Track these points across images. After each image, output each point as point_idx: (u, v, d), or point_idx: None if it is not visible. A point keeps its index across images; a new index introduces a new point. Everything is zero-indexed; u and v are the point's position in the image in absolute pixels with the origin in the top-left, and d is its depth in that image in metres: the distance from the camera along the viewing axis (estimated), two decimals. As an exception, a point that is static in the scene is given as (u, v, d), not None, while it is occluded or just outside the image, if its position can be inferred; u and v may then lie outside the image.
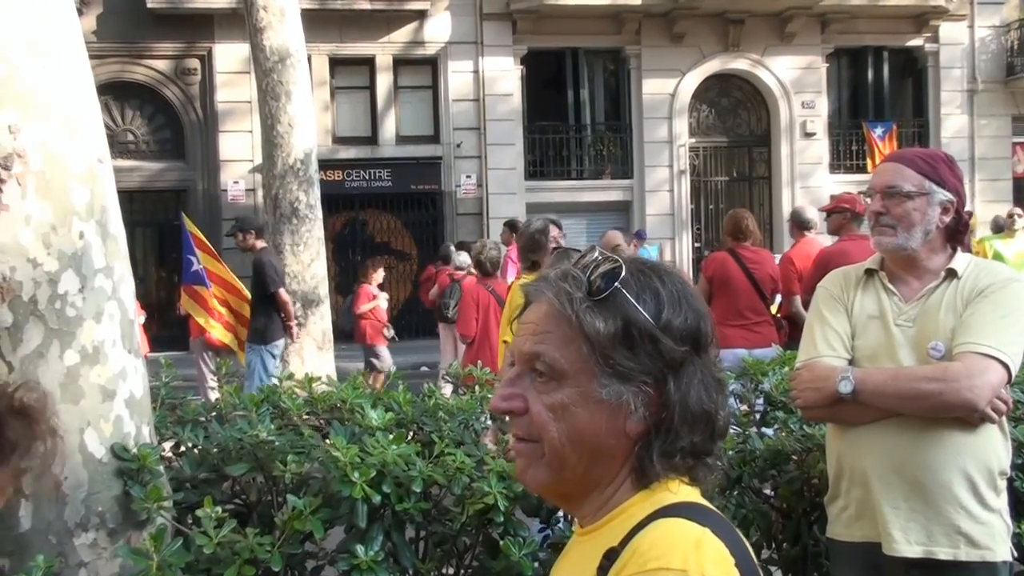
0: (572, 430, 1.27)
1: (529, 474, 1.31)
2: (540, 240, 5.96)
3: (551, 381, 1.28)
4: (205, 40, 19.85)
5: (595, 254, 1.31)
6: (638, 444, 1.27)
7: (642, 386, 1.25)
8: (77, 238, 2.76)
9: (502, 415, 1.40)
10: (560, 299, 1.28)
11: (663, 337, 1.25)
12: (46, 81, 2.70)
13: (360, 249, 20.89)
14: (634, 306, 1.25)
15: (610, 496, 1.30)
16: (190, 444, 3.37)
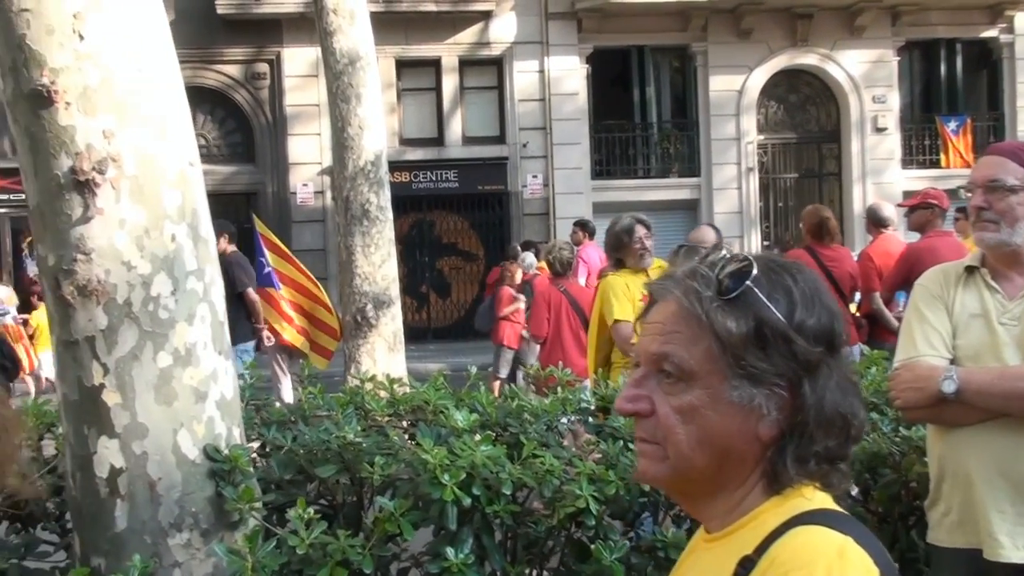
0: (701, 433, 1.23)
1: (650, 474, 1.28)
2: (624, 240, 5.90)
3: (679, 382, 1.24)
4: (274, 44, 20.09)
5: (722, 251, 1.27)
6: (770, 448, 1.23)
7: (775, 388, 1.21)
8: (169, 241, 2.78)
9: (627, 416, 1.37)
10: (689, 298, 1.24)
11: (797, 338, 1.21)
12: (140, 86, 2.73)
13: (427, 250, 21.00)
14: (766, 305, 1.21)
15: (739, 501, 1.26)
16: (276, 445, 3.39)
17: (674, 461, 1.25)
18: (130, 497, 2.73)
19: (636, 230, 5.89)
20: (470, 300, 21.02)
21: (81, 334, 2.71)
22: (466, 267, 21.36)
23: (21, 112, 2.69)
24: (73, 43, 2.64)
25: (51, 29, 2.62)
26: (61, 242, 2.70)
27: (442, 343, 19.60)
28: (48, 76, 2.62)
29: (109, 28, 2.68)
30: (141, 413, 2.74)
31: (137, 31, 2.76)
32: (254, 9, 19.66)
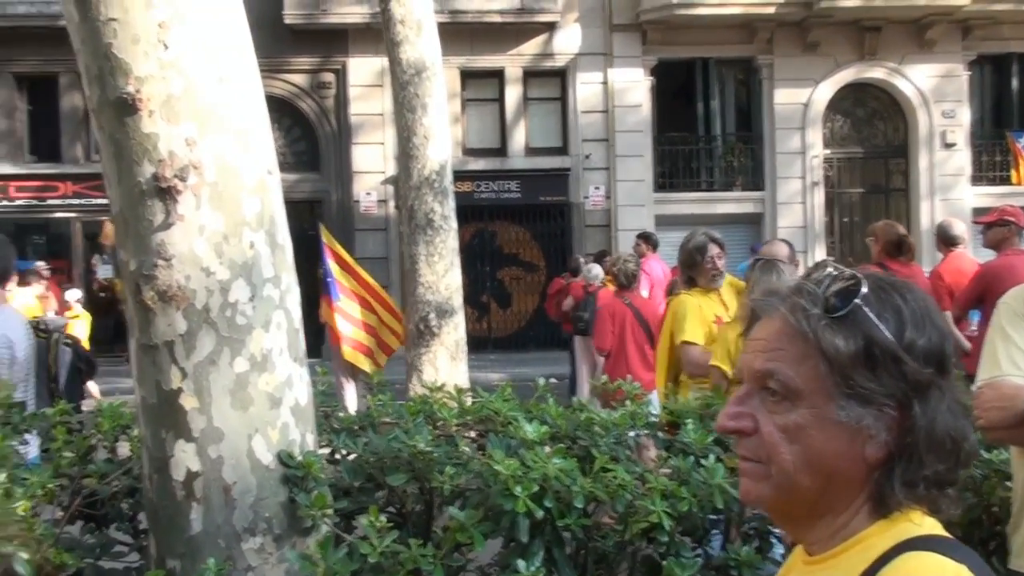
0: (806, 453, 1.21)
1: (753, 494, 1.26)
2: (697, 258, 5.82)
3: (784, 401, 1.22)
4: (340, 54, 20.31)
5: (828, 268, 1.25)
6: (877, 471, 1.21)
7: (884, 409, 1.19)
8: (248, 248, 2.81)
9: (729, 435, 1.35)
10: (795, 315, 1.22)
11: (906, 358, 1.18)
12: (222, 94, 2.77)
13: (489, 260, 21.06)
14: (875, 324, 1.19)
15: (844, 524, 1.23)
16: (345, 452, 3.41)
17: (778, 481, 1.23)
18: (205, 501, 2.75)
19: (709, 248, 5.82)
20: (530, 310, 21.03)
21: (160, 338, 2.75)
22: (527, 278, 21.37)
23: (106, 119, 2.74)
24: (158, 52, 2.68)
25: (137, 38, 2.67)
26: (142, 248, 2.74)
27: (502, 353, 19.61)
28: (133, 84, 2.67)
29: (192, 37, 2.72)
30: (217, 418, 2.76)
31: (219, 41, 2.79)
32: (321, 19, 19.89)
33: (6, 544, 2.63)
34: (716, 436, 3.33)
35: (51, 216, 20.79)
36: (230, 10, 2.85)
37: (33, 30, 18.81)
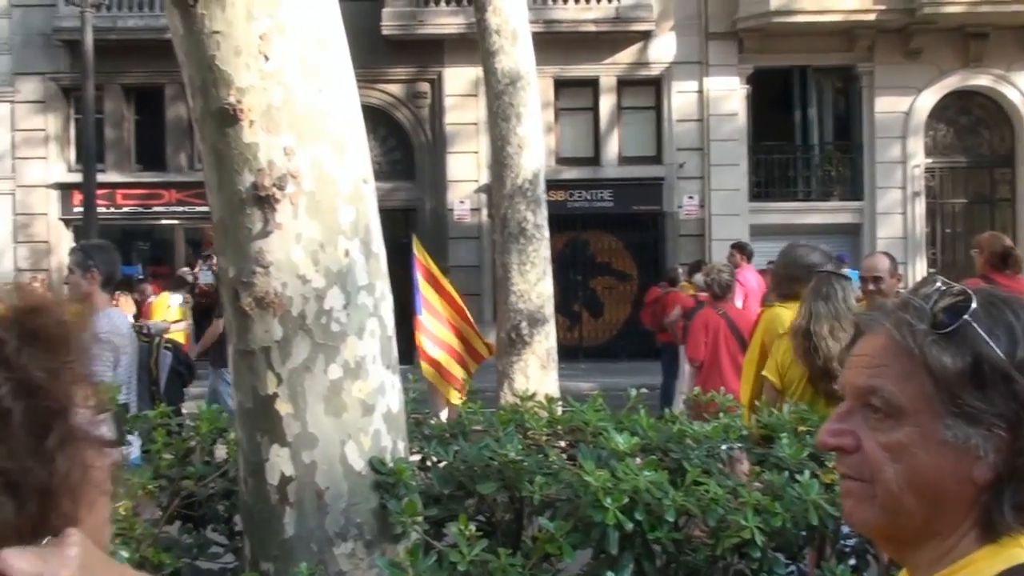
0: (911, 473, 1.17)
1: (858, 516, 1.22)
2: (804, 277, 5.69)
3: (888, 419, 1.18)
4: (436, 64, 20.51)
5: (937, 283, 1.21)
6: (985, 493, 1.16)
7: (993, 429, 1.14)
8: (343, 256, 2.85)
9: (830, 451, 1.32)
10: (901, 331, 1.18)
11: (1018, 377, 1.14)
12: (320, 104, 2.81)
13: (581, 269, 21.02)
14: (986, 342, 1.14)
15: (951, 548, 1.19)
16: (436, 459, 3.43)
17: (883, 501, 1.19)
18: (299, 505, 2.80)
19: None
20: (622, 320, 20.93)
21: (257, 344, 2.80)
22: (619, 287, 21.27)
23: (208, 129, 2.81)
24: (259, 64, 2.73)
25: (239, 50, 2.73)
26: (241, 255, 2.80)
27: (593, 362, 19.55)
28: (235, 95, 2.73)
29: (292, 49, 2.77)
30: (311, 423, 2.80)
31: (318, 52, 2.84)
32: (417, 30, 20.12)
33: (108, 542, 2.71)
34: (811, 451, 3.26)
35: (155, 223, 21.41)
36: (329, 22, 2.90)
37: (141, 43, 19.40)
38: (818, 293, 4.83)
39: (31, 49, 20.81)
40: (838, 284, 4.83)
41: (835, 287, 4.80)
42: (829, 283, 4.83)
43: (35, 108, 20.96)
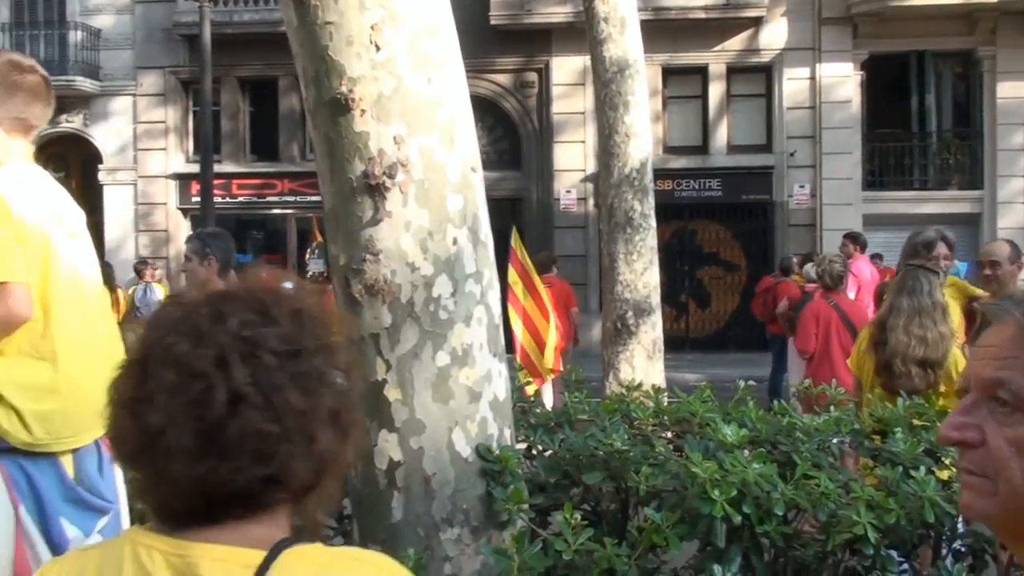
0: None
1: (977, 508, 1.18)
2: (922, 253, 5.56)
3: (1016, 412, 1.14)
4: (543, 54, 20.52)
5: None
6: None
7: None
8: (451, 244, 2.87)
9: (952, 446, 1.27)
10: None
11: None
12: (429, 94, 2.83)
13: (688, 259, 20.82)
14: None
15: None
16: (541, 448, 3.44)
17: (1004, 498, 1.15)
18: (406, 490, 2.83)
19: (937, 246, 5.54)
20: (730, 311, 20.67)
21: (367, 331, 2.84)
22: (727, 277, 20.99)
23: (321, 119, 2.85)
24: (370, 53, 2.77)
25: (351, 40, 2.76)
26: (352, 243, 2.84)
27: (700, 353, 19.36)
28: (346, 85, 2.77)
29: (402, 39, 2.80)
30: (419, 410, 2.84)
31: (428, 42, 2.86)
32: (525, 19, 20.15)
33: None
34: (928, 446, 3.17)
35: (269, 212, 21.93)
36: (438, 12, 2.92)
37: (255, 36, 19.87)
38: (903, 287, 4.73)
39: (152, 44, 21.50)
40: (925, 279, 4.70)
41: (921, 281, 4.68)
42: (916, 277, 4.71)
43: (155, 101, 21.65)
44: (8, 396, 2.36)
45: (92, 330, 2.57)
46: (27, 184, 2.55)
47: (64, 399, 2.43)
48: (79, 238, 2.67)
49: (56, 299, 2.47)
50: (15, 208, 2.44)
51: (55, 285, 2.47)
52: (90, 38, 21.47)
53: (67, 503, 2.42)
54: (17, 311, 2.37)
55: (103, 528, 2.49)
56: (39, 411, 2.39)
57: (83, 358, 2.49)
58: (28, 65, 2.67)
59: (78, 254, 2.62)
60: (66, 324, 2.47)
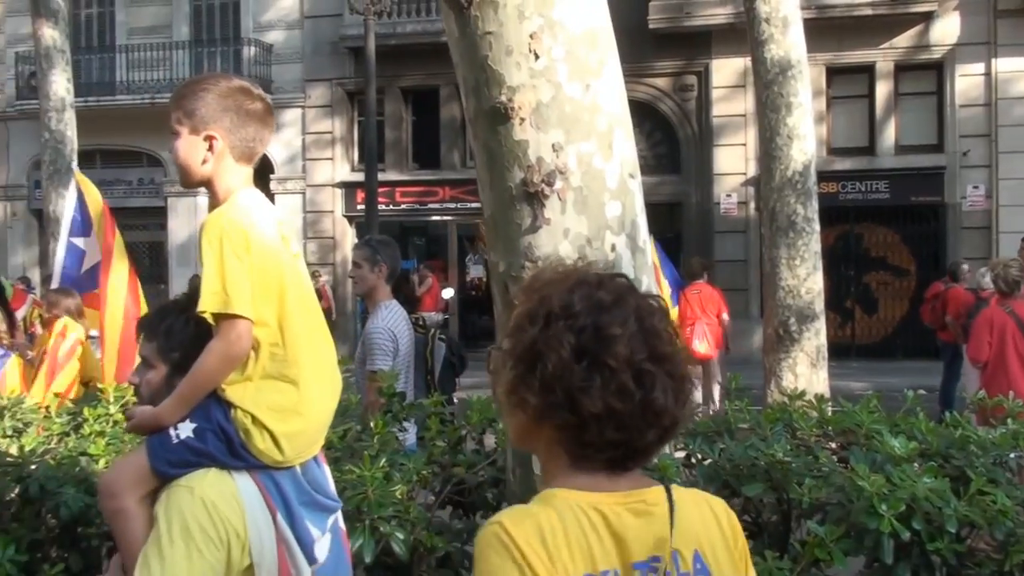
0: None
1: None
2: None
3: None
4: (703, 56, 20.26)
5: None
6: None
7: None
8: (609, 250, 2.87)
9: None
10: None
11: None
12: (588, 101, 2.84)
13: (854, 264, 20.19)
14: None
15: None
16: (700, 456, 3.39)
17: None
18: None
19: None
20: (899, 317, 19.93)
21: (526, 337, 2.86)
22: (895, 283, 20.24)
23: (481, 128, 2.90)
24: (529, 62, 2.79)
25: (510, 50, 2.80)
26: (511, 250, 2.87)
27: (866, 361, 18.73)
28: (506, 94, 2.80)
29: (561, 47, 2.81)
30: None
31: (586, 49, 2.87)
32: (684, 22, 19.95)
33: (385, 523, 2.85)
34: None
35: (430, 219, 22.38)
36: (597, 18, 2.92)
37: (418, 47, 20.32)
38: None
39: (320, 57, 22.26)
40: None
41: None
42: None
43: (323, 112, 22.41)
44: (263, 418, 2.47)
45: (320, 351, 2.64)
46: (258, 212, 2.61)
47: (305, 419, 2.53)
48: (299, 258, 2.72)
49: (291, 323, 2.54)
50: (255, 239, 2.51)
51: (290, 309, 2.55)
52: (262, 53, 22.40)
53: (304, 506, 2.52)
54: (241, 346, 2.46)
55: (332, 526, 2.59)
56: (287, 431, 2.49)
57: (316, 379, 2.58)
58: (257, 93, 2.71)
59: (302, 275, 2.69)
60: (302, 347, 2.55)
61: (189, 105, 2.63)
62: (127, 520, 2.50)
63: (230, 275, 2.45)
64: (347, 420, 3.92)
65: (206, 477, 2.45)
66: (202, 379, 2.51)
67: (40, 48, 12.28)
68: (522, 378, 1.50)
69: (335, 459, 3.31)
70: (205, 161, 2.62)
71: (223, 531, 2.38)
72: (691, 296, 12.15)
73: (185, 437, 2.49)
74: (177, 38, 22.95)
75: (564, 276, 1.57)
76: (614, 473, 1.50)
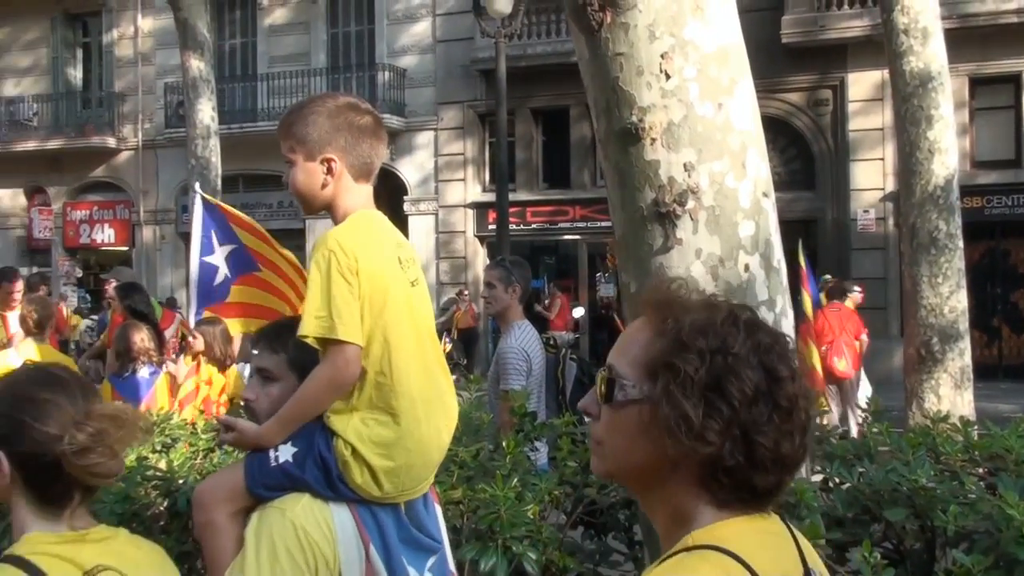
0: None
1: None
2: None
3: None
4: (838, 70, 19.82)
5: None
6: None
7: None
8: (742, 271, 2.83)
9: None
10: None
11: None
12: (719, 119, 2.82)
13: (1000, 281, 19.40)
14: None
15: None
16: (838, 480, 3.31)
17: None
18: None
19: None
20: (1050, 339, 19.07)
21: (658, 358, 2.84)
22: (1048, 302, 19.38)
23: (612, 149, 2.90)
24: (660, 82, 2.79)
25: (640, 70, 2.80)
26: (642, 270, 2.86)
27: (1015, 382, 17.95)
28: (636, 114, 2.80)
29: (692, 66, 2.80)
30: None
31: (717, 67, 2.85)
32: (819, 36, 19.56)
33: (517, 543, 2.87)
34: None
35: (560, 238, 22.45)
36: (729, 36, 2.90)
37: (548, 68, 20.46)
38: None
39: (452, 80, 22.64)
40: None
41: None
42: None
43: (454, 134, 22.76)
44: (363, 452, 2.40)
45: (433, 382, 2.55)
46: (373, 234, 2.55)
47: (410, 454, 2.45)
48: (419, 286, 2.64)
49: (400, 352, 2.46)
50: (365, 263, 2.44)
51: (398, 337, 2.47)
52: (396, 78, 22.90)
53: (404, 543, 2.45)
54: (349, 372, 2.39)
55: (432, 566, 2.53)
56: (388, 467, 2.42)
57: (427, 412, 2.50)
58: (364, 107, 2.66)
59: (418, 303, 2.61)
60: (412, 377, 2.47)
61: (300, 131, 2.56)
62: (215, 534, 2.47)
63: (336, 299, 2.38)
64: (480, 439, 3.96)
65: (300, 501, 2.40)
66: (305, 405, 2.44)
67: (187, 78, 12.82)
68: (705, 412, 1.39)
69: (468, 478, 3.34)
70: (325, 185, 2.56)
71: (311, 557, 2.34)
72: (830, 314, 11.88)
73: (284, 461, 2.44)
74: (315, 65, 23.66)
75: (701, 305, 1.56)
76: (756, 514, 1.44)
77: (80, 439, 1.93)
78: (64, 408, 1.98)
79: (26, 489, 2.00)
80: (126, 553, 2.05)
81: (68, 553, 1.95)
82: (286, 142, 2.59)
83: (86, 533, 2.02)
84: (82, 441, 1.93)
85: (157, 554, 2.20)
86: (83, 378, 2.18)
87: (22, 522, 2.01)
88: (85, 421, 1.96)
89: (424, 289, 2.69)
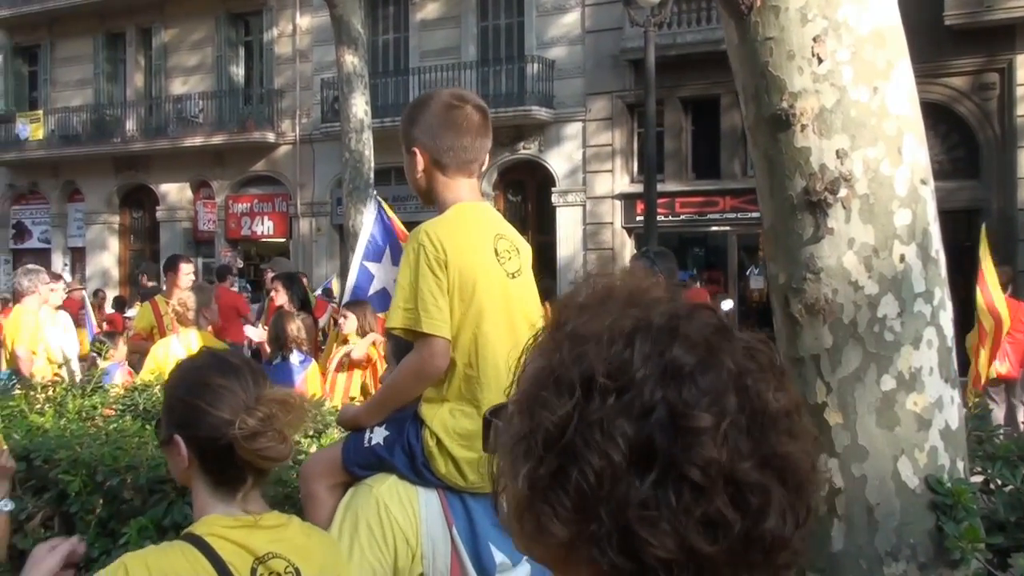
0: None
1: None
2: None
3: None
4: (1005, 52, 18.88)
5: None
6: None
7: None
8: (898, 261, 2.72)
9: None
10: None
11: None
12: (874, 104, 2.71)
13: None
14: None
15: None
16: (1000, 483, 3.15)
17: None
18: (847, 519, 2.72)
19: None
20: None
21: (807, 352, 2.77)
22: None
23: (761, 136, 2.83)
24: (811, 66, 2.70)
25: (791, 54, 2.71)
26: (792, 261, 2.78)
27: None
28: (787, 100, 2.72)
29: (846, 49, 2.70)
30: (861, 435, 2.71)
31: (873, 50, 2.74)
32: (985, 16, 18.66)
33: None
34: None
35: (709, 229, 22.11)
36: (886, 17, 2.78)
37: (698, 56, 20.15)
38: None
39: (600, 71, 22.55)
40: None
41: None
42: None
43: (603, 125, 22.67)
44: (448, 443, 2.47)
45: None
46: (465, 225, 2.60)
47: None
48: (520, 277, 2.65)
49: (489, 345, 2.50)
50: (454, 255, 2.49)
51: (487, 330, 2.51)
52: (545, 69, 22.95)
53: (495, 528, 2.46)
54: (435, 364, 2.45)
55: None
56: (472, 459, 2.46)
57: None
58: (470, 102, 2.72)
59: (517, 296, 2.62)
60: (498, 371, 2.49)
61: (404, 127, 2.69)
62: (315, 505, 2.60)
63: (423, 292, 2.43)
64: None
65: (388, 479, 2.50)
66: (393, 392, 2.55)
67: (342, 74, 13.14)
68: (544, 491, 0.91)
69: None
70: (422, 178, 2.67)
71: (390, 534, 2.41)
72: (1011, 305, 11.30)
73: (375, 444, 2.54)
74: (465, 59, 23.93)
75: (616, 304, 0.96)
76: None
77: (250, 423, 2.00)
78: (236, 393, 2.06)
79: (203, 473, 2.09)
80: (296, 541, 2.11)
81: (241, 538, 2.02)
82: (401, 138, 2.72)
83: (259, 518, 2.09)
84: (252, 426, 2.00)
85: (328, 544, 2.27)
86: (255, 364, 2.26)
87: (203, 504, 2.10)
88: (255, 406, 2.03)
89: (527, 280, 2.70)
